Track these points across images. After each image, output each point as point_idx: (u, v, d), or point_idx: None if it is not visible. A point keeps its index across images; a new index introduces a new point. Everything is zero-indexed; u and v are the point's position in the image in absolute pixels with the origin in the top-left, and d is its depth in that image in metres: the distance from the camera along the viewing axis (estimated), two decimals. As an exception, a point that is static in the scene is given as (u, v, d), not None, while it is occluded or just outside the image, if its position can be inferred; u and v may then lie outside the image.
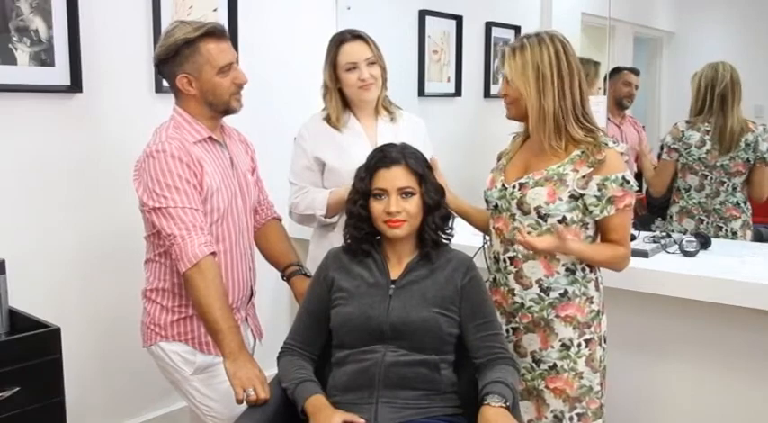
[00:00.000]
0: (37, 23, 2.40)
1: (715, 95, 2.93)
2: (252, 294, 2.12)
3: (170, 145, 1.85)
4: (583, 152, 1.81)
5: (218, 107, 1.94)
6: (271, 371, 1.85)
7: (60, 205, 2.54)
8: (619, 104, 3.65)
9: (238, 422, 1.71)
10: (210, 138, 1.96)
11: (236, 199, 2.00)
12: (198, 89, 1.90)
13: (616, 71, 3.72)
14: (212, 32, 1.89)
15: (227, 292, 1.89)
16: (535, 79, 1.80)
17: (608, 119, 3.56)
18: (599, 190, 1.80)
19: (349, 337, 1.79)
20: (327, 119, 2.31)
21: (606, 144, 1.81)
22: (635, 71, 3.74)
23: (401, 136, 2.03)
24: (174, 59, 1.88)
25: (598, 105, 3.06)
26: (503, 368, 1.74)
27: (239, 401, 1.75)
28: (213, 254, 1.84)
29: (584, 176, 1.80)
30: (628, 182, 1.81)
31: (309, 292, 1.92)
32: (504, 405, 1.61)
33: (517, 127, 2.01)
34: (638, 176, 3.48)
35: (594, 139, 1.81)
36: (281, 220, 2.28)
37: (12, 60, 2.36)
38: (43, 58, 2.43)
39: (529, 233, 1.85)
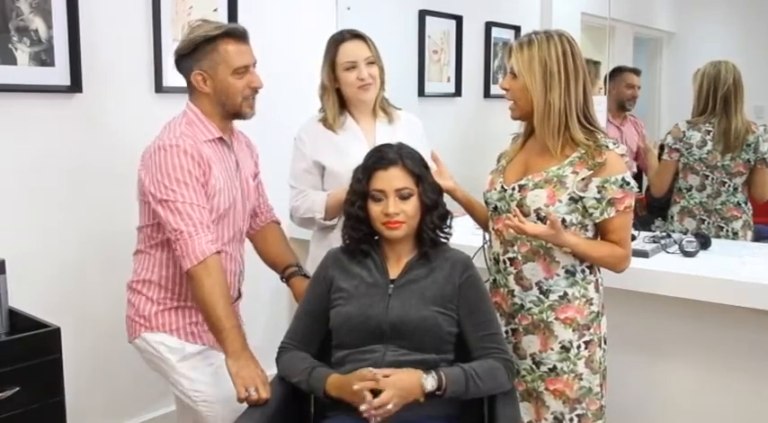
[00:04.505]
0: (37, 23, 2.40)
1: (718, 98, 2.92)
2: (238, 296, 2.11)
3: (184, 141, 1.86)
4: (582, 155, 1.81)
5: (230, 109, 1.95)
6: (271, 371, 1.85)
7: (60, 205, 2.54)
8: (621, 107, 3.62)
9: (238, 422, 1.71)
10: (221, 138, 1.96)
11: (237, 202, 2.00)
12: (212, 88, 1.91)
13: (617, 72, 3.67)
14: (233, 33, 1.91)
15: (230, 292, 1.89)
16: (542, 74, 1.80)
17: (608, 120, 3.55)
18: (599, 192, 1.80)
19: (349, 336, 1.79)
20: (324, 120, 2.30)
21: (607, 146, 1.81)
22: (637, 72, 3.69)
23: (398, 136, 2.03)
24: (192, 55, 1.89)
25: (599, 105, 3.06)
26: (488, 361, 1.75)
27: (240, 401, 1.75)
28: (219, 252, 1.85)
29: (583, 179, 1.80)
30: (628, 183, 1.81)
31: (309, 293, 1.92)
32: (435, 387, 1.65)
33: (517, 127, 2.01)
34: (638, 177, 3.48)
35: (595, 141, 1.81)
36: (279, 224, 2.28)
37: (12, 60, 2.36)
38: (43, 58, 2.43)
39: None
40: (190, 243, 1.80)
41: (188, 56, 1.90)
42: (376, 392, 1.62)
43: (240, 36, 1.93)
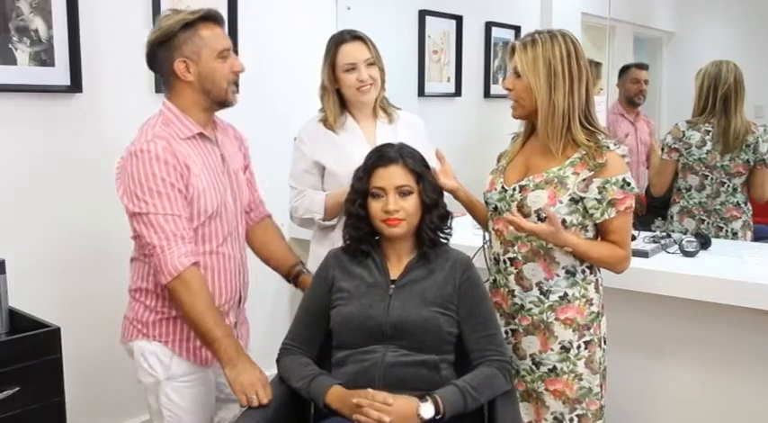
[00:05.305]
0: (37, 23, 2.41)
1: (718, 97, 2.92)
2: (241, 299, 2.02)
3: (155, 145, 1.76)
4: (583, 155, 1.80)
5: (216, 96, 1.86)
6: (271, 371, 1.85)
7: (60, 205, 2.54)
8: (630, 102, 3.69)
9: (238, 422, 1.71)
10: (201, 134, 1.87)
11: (227, 199, 1.92)
12: (196, 75, 1.82)
13: (624, 69, 3.76)
14: (210, 17, 1.85)
15: (231, 296, 1.86)
16: (546, 74, 1.79)
17: (623, 115, 3.61)
18: (599, 193, 1.80)
19: (349, 337, 1.79)
20: (324, 120, 2.30)
21: (608, 147, 1.81)
22: (641, 66, 3.75)
23: (400, 137, 2.03)
24: (171, 43, 1.80)
25: (598, 105, 3.08)
26: (482, 370, 1.75)
27: (242, 407, 1.74)
28: (196, 264, 1.79)
29: (584, 179, 1.80)
30: (628, 184, 1.81)
31: (309, 293, 1.92)
32: (434, 414, 1.62)
33: (517, 127, 2.01)
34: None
35: (596, 142, 1.81)
36: (271, 217, 2.21)
37: (12, 60, 2.36)
38: (43, 58, 2.43)
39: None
40: (162, 258, 1.75)
41: (165, 45, 1.81)
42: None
43: (218, 19, 1.87)
